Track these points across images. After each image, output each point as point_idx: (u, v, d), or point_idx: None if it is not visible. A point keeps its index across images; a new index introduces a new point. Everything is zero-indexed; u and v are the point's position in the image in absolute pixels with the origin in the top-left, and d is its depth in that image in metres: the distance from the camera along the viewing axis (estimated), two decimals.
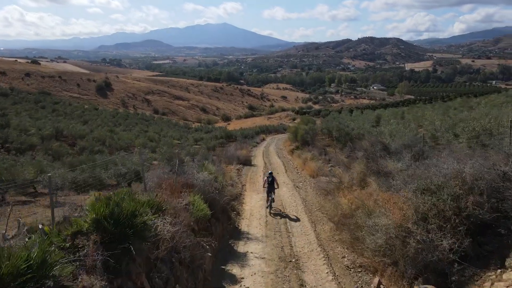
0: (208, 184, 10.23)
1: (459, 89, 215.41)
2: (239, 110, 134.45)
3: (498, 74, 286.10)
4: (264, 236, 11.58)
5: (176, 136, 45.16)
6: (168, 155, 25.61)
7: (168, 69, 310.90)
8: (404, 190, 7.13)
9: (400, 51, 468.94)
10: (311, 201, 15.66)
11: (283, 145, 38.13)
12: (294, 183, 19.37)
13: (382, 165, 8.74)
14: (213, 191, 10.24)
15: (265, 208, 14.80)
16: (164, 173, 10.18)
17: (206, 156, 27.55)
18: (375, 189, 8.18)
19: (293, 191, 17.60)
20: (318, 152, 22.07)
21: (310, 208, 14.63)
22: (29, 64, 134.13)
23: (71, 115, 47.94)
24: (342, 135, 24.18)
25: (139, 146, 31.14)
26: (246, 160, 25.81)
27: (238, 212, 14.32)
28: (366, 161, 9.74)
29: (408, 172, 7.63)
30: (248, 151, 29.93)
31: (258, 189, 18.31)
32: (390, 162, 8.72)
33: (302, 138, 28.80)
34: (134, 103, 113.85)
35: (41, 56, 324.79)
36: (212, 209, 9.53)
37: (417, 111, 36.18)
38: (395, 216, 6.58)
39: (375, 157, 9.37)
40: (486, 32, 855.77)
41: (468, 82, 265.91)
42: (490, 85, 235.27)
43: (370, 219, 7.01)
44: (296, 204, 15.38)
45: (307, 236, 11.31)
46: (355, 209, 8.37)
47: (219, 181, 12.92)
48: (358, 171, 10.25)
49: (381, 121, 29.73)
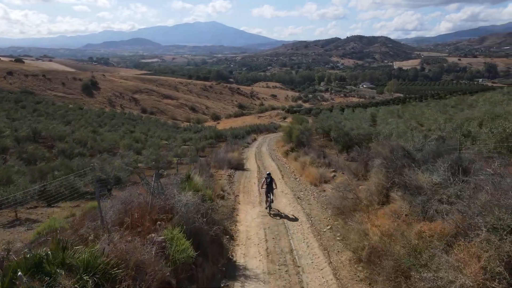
0: (193, 209, 7.99)
1: (447, 87, 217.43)
2: (228, 109, 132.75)
3: (484, 72, 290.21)
4: (266, 273, 9.26)
5: (164, 136, 43.49)
6: (154, 157, 24.20)
7: (157, 68, 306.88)
8: (477, 228, 5.04)
9: (389, 50, 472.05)
10: (318, 217, 13.22)
11: (276, 145, 36.43)
12: (293, 192, 17.09)
13: (409, 178, 7.19)
14: (200, 219, 8.08)
15: (263, 216, 13.61)
16: (134, 195, 7.89)
17: (195, 158, 26.06)
18: (405, 209, 6.69)
19: (295, 204, 15.17)
20: (316, 154, 20.34)
21: (319, 227, 12.17)
22: (12, 63, 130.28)
23: (53, 115, 45.85)
24: (341, 135, 22.72)
25: (124, 148, 29.56)
26: (238, 164, 23.79)
27: (232, 236, 11.74)
28: (385, 171, 8.22)
29: (453, 190, 6.13)
30: (239, 154, 27.91)
31: (253, 201, 16.08)
32: (420, 175, 7.12)
33: (297, 139, 27.22)
34: (121, 102, 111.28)
35: (26, 55, 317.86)
36: (197, 244, 7.61)
37: (413, 109, 35.20)
38: (471, 269, 4.57)
39: (396, 166, 7.85)
40: (472, 31, 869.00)
41: (455, 80, 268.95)
42: (477, 83, 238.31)
43: (427, 270, 4.95)
44: (301, 222, 12.88)
45: (321, 272, 9.01)
46: (389, 241, 6.57)
47: (208, 199, 10.78)
48: (375, 183, 8.59)
49: (377, 120, 28.53)
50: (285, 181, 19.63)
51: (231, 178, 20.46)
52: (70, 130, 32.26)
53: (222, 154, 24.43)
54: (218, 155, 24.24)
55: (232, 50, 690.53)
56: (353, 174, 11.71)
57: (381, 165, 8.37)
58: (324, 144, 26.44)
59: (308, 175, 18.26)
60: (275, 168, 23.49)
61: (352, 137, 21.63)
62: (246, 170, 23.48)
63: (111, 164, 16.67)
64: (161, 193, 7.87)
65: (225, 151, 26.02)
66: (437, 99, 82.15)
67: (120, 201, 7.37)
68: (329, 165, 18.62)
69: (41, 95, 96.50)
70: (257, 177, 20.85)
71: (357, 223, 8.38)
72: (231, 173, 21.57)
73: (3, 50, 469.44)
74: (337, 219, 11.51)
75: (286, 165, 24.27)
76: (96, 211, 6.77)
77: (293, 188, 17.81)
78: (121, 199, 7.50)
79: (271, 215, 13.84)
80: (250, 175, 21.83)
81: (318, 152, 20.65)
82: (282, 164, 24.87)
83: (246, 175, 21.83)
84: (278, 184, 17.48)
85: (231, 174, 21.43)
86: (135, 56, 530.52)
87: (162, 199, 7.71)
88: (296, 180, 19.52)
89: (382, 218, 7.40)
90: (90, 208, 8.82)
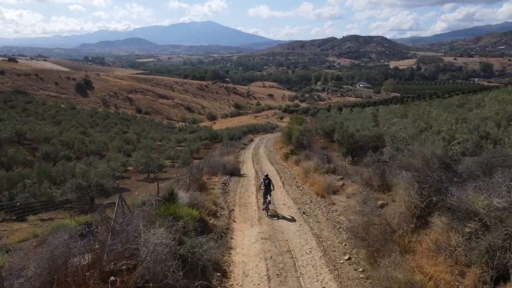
0: (166, 254, 5.46)
1: (443, 86, 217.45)
2: (225, 109, 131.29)
3: (479, 72, 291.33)
4: None
5: (157, 137, 42.04)
6: (145, 160, 22.77)
7: (153, 67, 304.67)
8: None
9: (385, 49, 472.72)
10: (331, 241, 10.58)
11: (274, 146, 34.71)
12: (298, 205, 14.41)
13: (458, 199, 5.54)
14: (174, 273, 5.51)
15: (263, 239, 11.22)
16: (75, 238, 5.35)
17: (188, 161, 24.61)
18: (459, 244, 5.06)
19: (300, 222, 12.48)
20: (320, 158, 18.76)
21: (333, 257, 9.53)
22: (4, 62, 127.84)
23: (42, 115, 44.21)
24: (345, 137, 21.43)
25: (113, 150, 28.04)
26: (234, 169, 21.75)
27: (225, 272, 8.97)
28: (418, 186, 6.72)
29: None
30: (235, 157, 26.39)
31: (251, 217, 13.41)
32: (473, 195, 5.43)
33: (297, 141, 25.67)
34: (115, 102, 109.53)
35: (21, 54, 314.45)
36: None
37: (416, 109, 33.90)
38: None
39: (433, 181, 6.34)
40: (467, 31, 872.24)
41: (452, 79, 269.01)
42: (473, 82, 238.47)
43: None
44: (311, 248, 10.22)
45: None
46: None
47: (192, 228, 8.30)
48: (406, 202, 6.84)
49: (379, 120, 27.17)
50: (287, 190, 17.30)
51: (226, 187, 18.24)
52: (58, 131, 30.74)
53: (216, 157, 22.62)
54: (212, 158, 22.47)
55: (229, 50, 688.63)
56: (366, 184, 10.05)
57: (411, 178, 6.77)
58: (325, 145, 25.04)
59: (313, 184, 16.02)
60: (274, 173, 21.60)
61: (357, 139, 20.21)
62: (242, 176, 21.59)
63: (95, 169, 15.27)
64: (122, 231, 5.48)
65: (220, 154, 24.39)
66: (436, 98, 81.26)
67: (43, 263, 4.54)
68: (335, 171, 16.68)
69: (33, 94, 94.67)
70: (255, 185, 18.45)
71: (396, 267, 6.07)
72: (225, 180, 19.53)
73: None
74: (358, 248, 9.07)
75: (287, 170, 22.38)
76: None
77: (296, 199, 15.34)
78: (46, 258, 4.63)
79: (268, 216, 13.15)
80: (247, 183, 19.64)
81: (321, 156, 18.92)
82: (282, 169, 23.02)
83: (242, 183, 19.62)
84: (278, 193, 15.76)
85: (225, 181, 19.36)
86: (131, 56, 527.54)
87: (120, 240, 5.32)
88: (299, 189, 17.21)
89: (430, 259, 5.65)
90: (54, 228, 7.43)
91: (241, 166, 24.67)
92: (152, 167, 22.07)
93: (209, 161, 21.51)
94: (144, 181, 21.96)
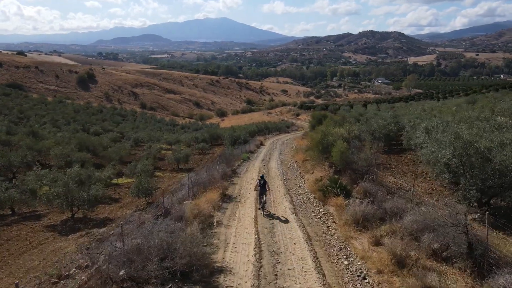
0: None
1: (467, 83, 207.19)
2: (236, 105, 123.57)
3: (503, 68, 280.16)
4: None
5: (145, 138, 34.22)
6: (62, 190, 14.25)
7: (166, 63, 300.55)
8: None
9: (402, 45, 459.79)
10: None
11: (294, 157, 23.74)
12: None
13: None
14: None
15: None
16: None
17: (147, 188, 16.31)
18: None
19: None
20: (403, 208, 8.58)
21: None
22: (3, 54, 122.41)
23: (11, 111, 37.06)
24: (467, 160, 10.03)
25: (56, 159, 20.09)
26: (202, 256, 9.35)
27: None
28: None
29: None
30: (221, 192, 15.61)
31: None
32: None
33: (342, 158, 15.01)
34: (119, 97, 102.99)
35: (37, 50, 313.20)
36: None
37: (483, 103, 25.39)
38: None
39: None
40: (488, 27, 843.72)
41: (475, 76, 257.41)
42: (498, 78, 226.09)
43: None
44: None
45: None
46: None
47: None
48: None
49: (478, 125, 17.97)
50: None
51: None
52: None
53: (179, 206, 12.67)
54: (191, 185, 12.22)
55: (242, 46, 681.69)
56: None
57: None
58: (383, 163, 15.74)
59: None
60: (306, 252, 9.90)
61: (497, 165, 9.49)
62: None
63: None
64: None
65: (207, 176, 15.10)
66: (470, 94, 71.57)
67: None
68: (472, 255, 6.55)
69: (30, 88, 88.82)
70: None
71: None
72: None
73: (15, 46, 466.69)
74: None
75: (333, 231, 11.24)
76: None
77: None
78: None
79: (264, 215, 12.71)
80: None
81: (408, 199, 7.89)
82: (319, 229, 11.53)
83: None
84: None
85: None
86: (145, 52, 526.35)
87: None
88: None
89: None
90: None
91: (227, 219, 12.80)
92: (79, 200, 13.13)
93: None
94: (46, 230, 13.13)
